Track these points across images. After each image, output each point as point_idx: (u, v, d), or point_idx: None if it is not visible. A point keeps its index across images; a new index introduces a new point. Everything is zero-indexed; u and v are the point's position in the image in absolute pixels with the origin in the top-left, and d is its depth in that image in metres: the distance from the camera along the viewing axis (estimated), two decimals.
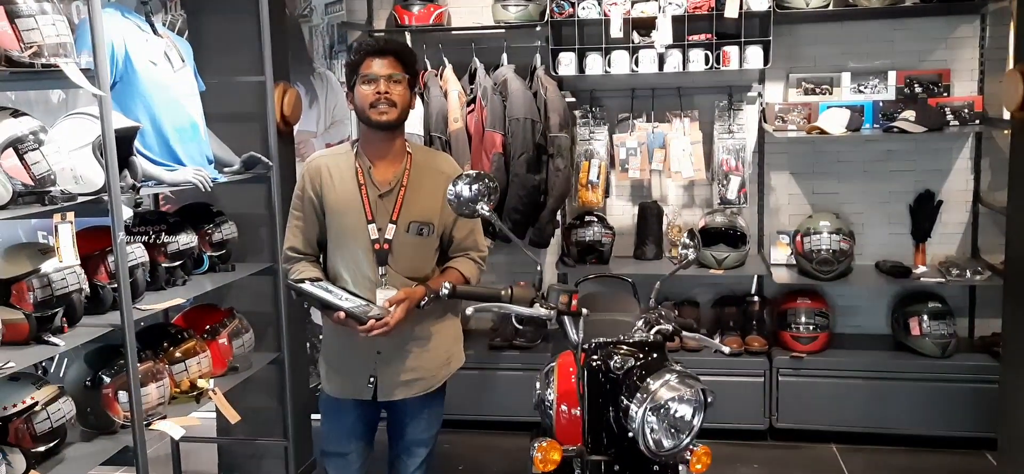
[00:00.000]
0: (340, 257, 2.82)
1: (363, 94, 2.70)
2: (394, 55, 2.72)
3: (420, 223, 2.78)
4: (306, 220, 2.85)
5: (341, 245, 2.81)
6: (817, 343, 4.46)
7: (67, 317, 2.67)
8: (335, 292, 2.74)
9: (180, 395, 3.17)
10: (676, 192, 4.89)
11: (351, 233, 2.77)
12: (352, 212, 2.77)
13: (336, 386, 2.93)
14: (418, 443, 3.01)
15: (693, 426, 2.30)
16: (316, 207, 2.83)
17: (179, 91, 3.27)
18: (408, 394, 2.87)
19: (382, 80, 2.69)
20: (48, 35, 2.44)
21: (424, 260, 2.85)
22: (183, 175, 3.14)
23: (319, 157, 2.89)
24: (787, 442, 4.47)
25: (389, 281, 2.76)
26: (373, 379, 2.83)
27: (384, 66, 2.70)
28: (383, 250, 2.75)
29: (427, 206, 2.79)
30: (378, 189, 2.77)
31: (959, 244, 4.66)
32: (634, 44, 4.42)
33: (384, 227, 2.75)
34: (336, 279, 2.84)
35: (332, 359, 2.94)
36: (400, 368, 2.83)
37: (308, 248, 2.88)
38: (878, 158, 4.65)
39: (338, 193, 2.79)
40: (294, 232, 2.88)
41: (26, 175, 2.46)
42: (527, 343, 4.69)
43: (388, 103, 2.69)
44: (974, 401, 4.23)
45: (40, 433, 2.59)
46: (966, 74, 4.51)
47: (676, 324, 2.56)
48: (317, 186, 2.81)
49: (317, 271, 2.85)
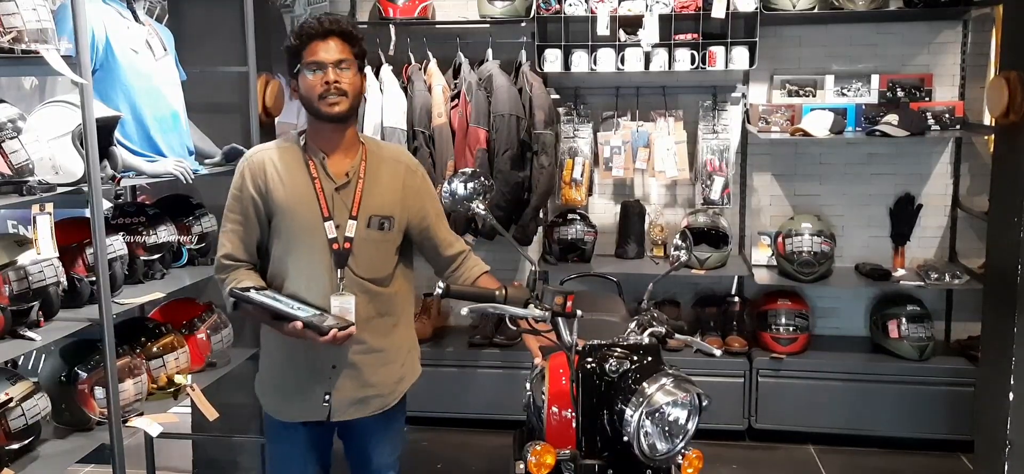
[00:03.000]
0: (291, 262, 2.50)
1: (309, 84, 2.41)
2: (340, 37, 2.43)
3: (381, 217, 2.51)
4: (246, 223, 2.52)
5: (292, 249, 2.49)
6: (797, 344, 4.49)
7: (44, 311, 2.59)
8: (285, 301, 2.43)
9: (157, 391, 3.10)
10: (658, 191, 4.88)
11: (304, 233, 2.47)
12: (305, 210, 2.46)
13: (284, 408, 2.62)
14: (384, 468, 2.73)
15: (687, 430, 2.28)
16: (258, 207, 2.49)
17: (160, 80, 3.19)
18: (365, 413, 2.59)
19: (330, 67, 2.40)
20: (29, 20, 2.36)
21: (385, 259, 2.56)
22: (164, 166, 3.07)
23: (261, 151, 2.55)
24: (765, 443, 4.50)
25: (347, 285, 2.47)
26: (328, 397, 2.53)
27: (330, 51, 2.41)
28: (343, 250, 2.47)
29: (388, 198, 2.53)
30: (334, 182, 2.48)
31: (937, 248, 4.71)
32: (620, 42, 4.40)
33: (343, 223, 2.47)
34: (281, 287, 2.51)
35: (278, 378, 2.61)
36: (356, 384, 2.55)
37: (246, 255, 2.54)
38: (859, 161, 4.67)
39: (288, 189, 2.47)
40: (230, 237, 2.53)
41: (3, 164, 2.38)
42: (507, 341, 4.66)
43: (338, 92, 2.41)
44: (950, 404, 4.28)
45: (14, 430, 2.50)
46: (948, 79, 4.55)
47: (668, 326, 2.54)
48: (261, 184, 2.48)
49: (258, 279, 2.52)
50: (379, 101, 4.40)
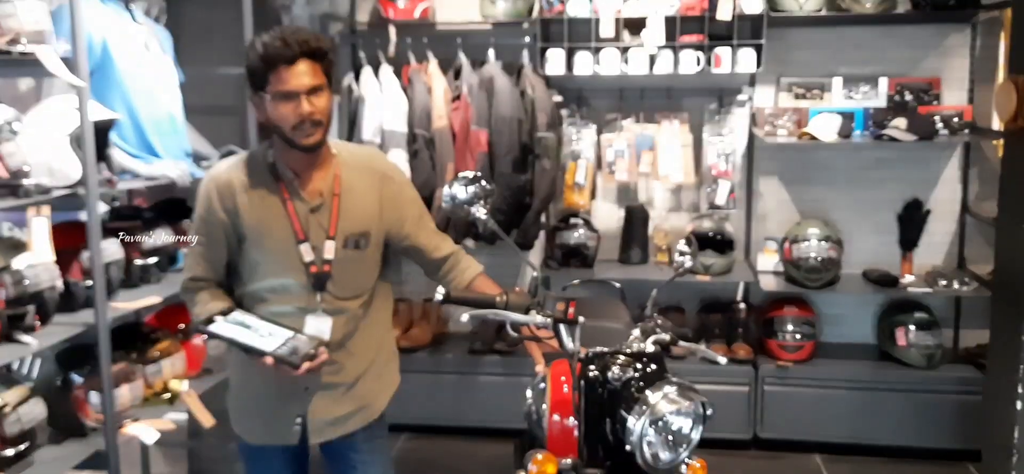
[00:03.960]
0: (264, 285, 2.36)
1: (281, 114, 2.19)
2: (310, 58, 2.19)
3: (356, 235, 2.36)
4: (212, 245, 2.35)
5: (266, 273, 2.34)
6: (803, 352, 4.43)
7: (39, 315, 2.56)
8: (255, 327, 2.28)
9: (152, 397, 3.06)
10: (662, 196, 4.83)
11: (279, 256, 2.32)
12: (278, 233, 2.31)
13: (254, 431, 2.48)
14: None
15: (691, 439, 2.24)
16: (227, 229, 2.32)
17: (158, 82, 3.17)
18: (345, 430, 2.45)
19: (303, 98, 2.18)
20: (27, 22, 2.34)
21: (366, 275, 2.43)
22: (161, 169, 3.04)
23: (226, 170, 2.34)
24: (771, 452, 4.44)
25: (327, 308, 2.35)
26: (301, 420, 2.40)
27: (302, 77, 2.18)
28: (322, 273, 2.32)
29: (364, 214, 2.38)
30: (307, 203, 2.32)
31: (946, 254, 4.65)
32: (624, 44, 4.35)
33: (320, 245, 2.32)
34: (252, 309, 2.36)
35: (247, 400, 2.48)
36: (332, 402, 2.41)
37: (213, 275, 2.39)
38: (867, 166, 4.62)
39: (258, 213, 2.30)
40: (196, 259, 2.38)
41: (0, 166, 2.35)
42: (509, 348, 4.62)
43: (313, 124, 2.22)
44: (959, 413, 4.22)
45: (9, 436, 2.48)
46: (956, 83, 4.49)
47: (673, 333, 2.50)
48: (229, 204, 2.30)
49: (225, 300, 2.37)
50: (379, 103, 4.36)
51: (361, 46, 4.56)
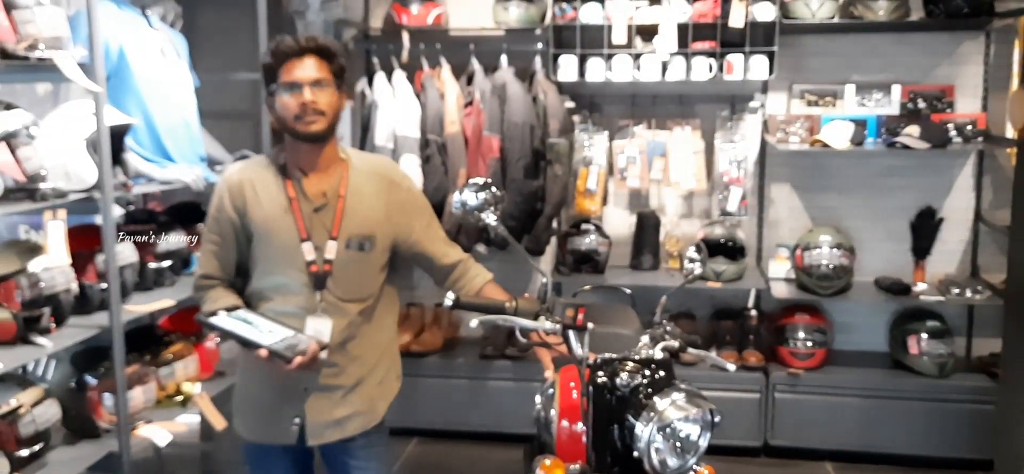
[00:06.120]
0: (269, 283, 2.42)
1: (286, 105, 2.31)
2: (317, 55, 2.33)
3: (361, 237, 2.41)
4: (223, 243, 2.44)
5: (270, 271, 2.41)
6: (815, 360, 4.42)
7: (55, 317, 2.59)
8: (257, 324, 2.33)
9: (165, 399, 3.09)
10: (674, 202, 4.83)
11: (282, 256, 2.38)
12: (283, 232, 2.38)
13: (254, 429, 2.52)
14: None
15: (699, 446, 2.24)
16: (237, 228, 2.41)
17: (173, 86, 3.21)
18: (342, 434, 2.47)
19: (306, 87, 2.30)
20: (45, 27, 2.37)
21: (369, 279, 2.46)
22: (175, 173, 3.07)
23: (238, 171, 2.45)
24: (781, 460, 4.42)
25: (327, 308, 2.39)
26: (298, 420, 2.43)
27: (307, 70, 2.31)
28: (322, 273, 2.38)
29: (370, 217, 2.43)
30: (312, 203, 2.39)
31: (959, 262, 4.63)
32: (637, 50, 4.36)
33: (322, 245, 2.38)
34: (258, 308, 2.43)
35: (249, 398, 2.53)
36: (331, 405, 2.44)
37: (223, 273, 2.47)
38: (880, 173, 4.61)
39: (265, 211, 2.38)
40: (208, 257, 2.47)
41: (17, 170, 2.39)
42: (519, 353, 4.62)
43: (315, 113, 2.31)
44: (971, 422, 4.19)
45: (24, 436, 2.51)
46: (970, 91, 4.47)
47: (682, 340, 2.50)
48: (239, 203, 2.39)
49: (234, 297, 2.44)
50: (392, 108, 4.38)
51: (374, 52, 4.59)
